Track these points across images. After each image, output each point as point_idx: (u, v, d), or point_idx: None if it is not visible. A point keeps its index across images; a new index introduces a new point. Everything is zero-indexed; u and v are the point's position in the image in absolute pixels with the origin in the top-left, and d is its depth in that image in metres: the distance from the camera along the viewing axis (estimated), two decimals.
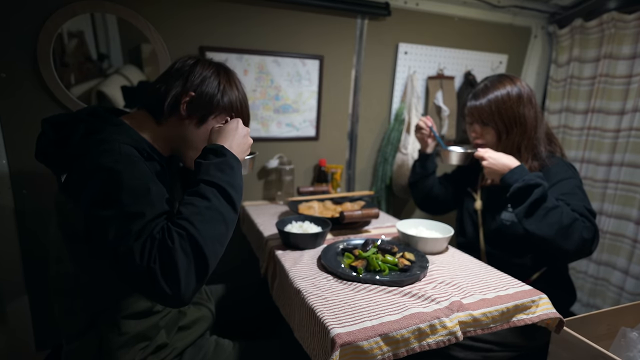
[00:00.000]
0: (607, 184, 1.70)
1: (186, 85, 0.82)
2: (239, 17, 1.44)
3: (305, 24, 1.54)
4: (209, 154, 0.73)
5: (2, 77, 1.20)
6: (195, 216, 0.63)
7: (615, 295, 1.67)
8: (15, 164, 1.26)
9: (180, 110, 0.82)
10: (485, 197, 1.28)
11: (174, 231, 0.61)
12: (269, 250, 1.07)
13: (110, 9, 1.26)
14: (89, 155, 0.68)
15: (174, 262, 0.59)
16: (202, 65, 0.85)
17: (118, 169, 0.65)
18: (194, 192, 0.68)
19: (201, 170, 0.70)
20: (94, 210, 0.64)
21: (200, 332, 0.91)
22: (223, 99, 0.85)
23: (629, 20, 1.58)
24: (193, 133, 0.85)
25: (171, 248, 0.59)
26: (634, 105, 1.58)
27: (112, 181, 0.64)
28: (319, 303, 0.75)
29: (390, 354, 0.67)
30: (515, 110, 1.13)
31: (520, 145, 1.15)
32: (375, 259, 0.90)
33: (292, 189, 1.59)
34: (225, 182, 0.69)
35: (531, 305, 0.82)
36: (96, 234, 0.64)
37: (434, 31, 1.77)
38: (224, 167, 0.71)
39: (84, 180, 0.67)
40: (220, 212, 0.67)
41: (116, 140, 0.70)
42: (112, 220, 0.62)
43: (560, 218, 0.98)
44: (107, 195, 0.64)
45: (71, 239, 0.73)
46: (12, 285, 1.32)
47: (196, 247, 0.61)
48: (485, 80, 1.20)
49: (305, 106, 1.63)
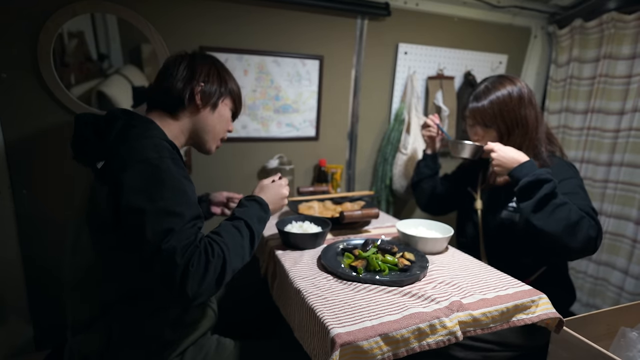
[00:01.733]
0: (607, 184, 1.70)
1: (195, 78, 0.90)
2: (239, 18, 1.44)
3: (305, 24, 1.55)
4: (255, 202, 0.89)
5: (3, 77, 1.20)
6: (233, 247, 0.74)
7: (614, 295, 1.67)
8: (15, 163, 1.26)
9: (196, 100, 0.90)
10: (486, 197, 1.28)
11: (216, 250, 0.70)
12: (269, 250, 1.07)
13: (111, 9, 1.26)
14: (132, 145, 0.72)
15: (207, 273, 0.67)
16: (200, 58, 0.94)
17: (161, 165, 0.70)
18: (236, 226, 0.79)
19: (246, 212, 0.84)
20: (133, 200, 0.67)
21: (203, 330, 0.91)
22: (227, 83, 0.96)
23: (629, 21, 1.59)
24: (209, 119, 0.94)
25: (210, 262, 0.67)
26: (634, 105, 1.58)
27: (156, 175, 0.69)
28: (319, 303, 0.75)
29: (390, 354, 0.67)
30: (516, 111, 1.13)
31: (522, 146, 1.14)
32: (375, 259, 0.90)
33: (292, 189, 1.59)
34: (257, 232, 0.83)
35: (531, 305, 0.82)
36: (132, 225, 0.67)
37: (434, 31, 1.77)
38: (263, 222, 0.87)
39: (126, 168, 0.70)
40: (245, 252, 0.78)
41: (155, 136, 0.76)
42: (152, 215, 0.66)
43: (568, 215, 0.97)
44: (149, 188, 0.68)
45: (98, 229, 0.75)
46: (12, 285, 1.32)
47: (223, 270, 0.70)
48: (485, 82, 1.19)
49: (305, 106, 1.63)
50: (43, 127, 1.26)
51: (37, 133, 1.26)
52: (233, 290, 1.19)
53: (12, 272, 1.31)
